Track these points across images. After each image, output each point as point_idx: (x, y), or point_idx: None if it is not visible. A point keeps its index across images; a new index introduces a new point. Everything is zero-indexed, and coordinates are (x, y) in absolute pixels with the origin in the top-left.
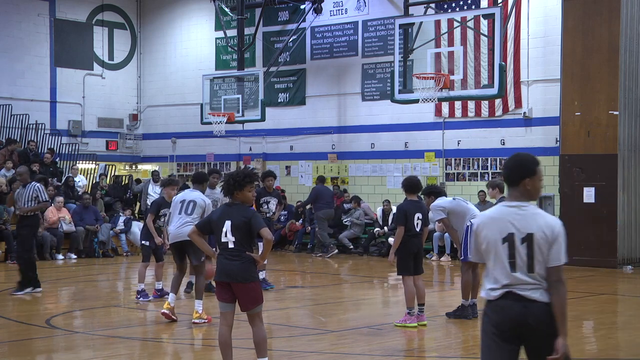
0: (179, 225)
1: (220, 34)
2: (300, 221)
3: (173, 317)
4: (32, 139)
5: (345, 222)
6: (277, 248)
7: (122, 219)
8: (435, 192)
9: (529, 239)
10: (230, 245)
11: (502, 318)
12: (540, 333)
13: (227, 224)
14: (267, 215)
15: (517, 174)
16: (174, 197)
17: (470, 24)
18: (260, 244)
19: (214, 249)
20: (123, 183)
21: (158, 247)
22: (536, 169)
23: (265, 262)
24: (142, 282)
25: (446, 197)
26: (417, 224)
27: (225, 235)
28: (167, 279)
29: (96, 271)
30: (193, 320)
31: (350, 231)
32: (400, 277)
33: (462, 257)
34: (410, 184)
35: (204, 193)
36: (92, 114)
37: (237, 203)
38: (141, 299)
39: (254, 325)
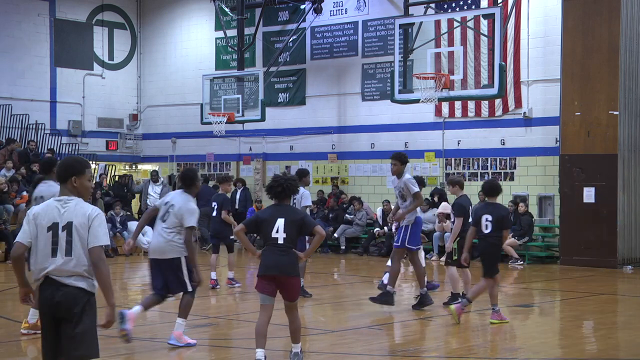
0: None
1: (220, 34)
2: None
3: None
4: (32, 139)
5: (350, 217)
6: None
7: (117, 218)
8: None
9: (68, 226)
10: (280, 241)
11: (42, 301)
12: (69, 314)
13: (281, 221)
14: None
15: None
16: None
17: (470, 24)
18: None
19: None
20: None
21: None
22: (85, 170)
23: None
24: (214, 270)
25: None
26: (486, 225)
27: (277, 232)
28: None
29: None
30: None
31: (352, 229)
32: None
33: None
34: (490, 188)
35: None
36: (92, 114)
37: (286, 204)
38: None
39: (291, 314)
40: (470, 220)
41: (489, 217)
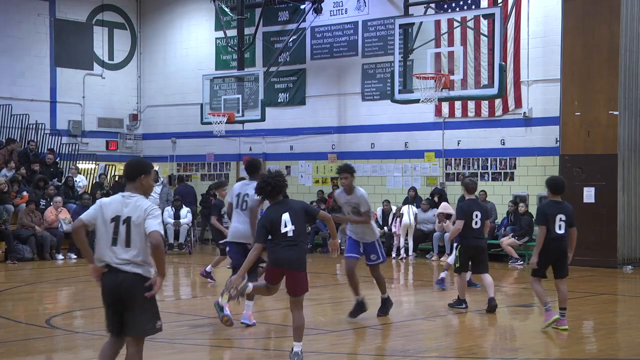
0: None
1: (220, 34)
2: None
3: None
4: (32, 139)
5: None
6: None
7: None
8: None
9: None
10: (290, 234)
11: (104, 286)
12: (131, 297)
13: (286, 215)
14: None
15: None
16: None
17: (470, 24)
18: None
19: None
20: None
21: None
22: (150, 170)
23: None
24: (211, 264)
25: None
26: (560, 225)
27: (285, 225)
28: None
29: None
30: None
31: None
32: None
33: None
34: (555, 184)
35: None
36: (92, 114)
37: (281, 200)
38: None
39: (295, 310)
40: (477, 225)
41: (563, 217)
